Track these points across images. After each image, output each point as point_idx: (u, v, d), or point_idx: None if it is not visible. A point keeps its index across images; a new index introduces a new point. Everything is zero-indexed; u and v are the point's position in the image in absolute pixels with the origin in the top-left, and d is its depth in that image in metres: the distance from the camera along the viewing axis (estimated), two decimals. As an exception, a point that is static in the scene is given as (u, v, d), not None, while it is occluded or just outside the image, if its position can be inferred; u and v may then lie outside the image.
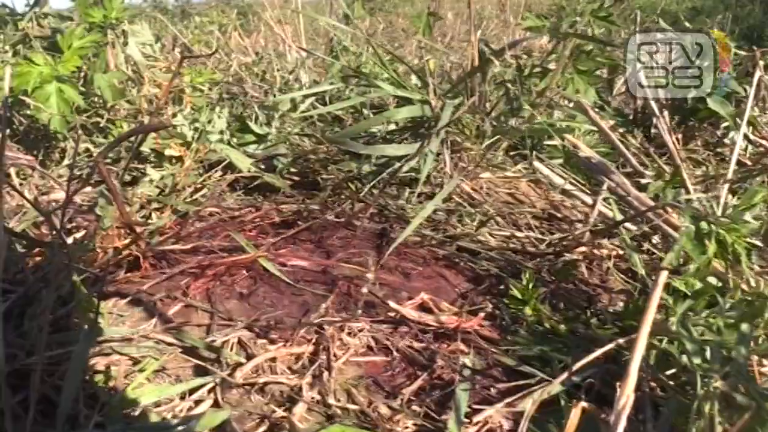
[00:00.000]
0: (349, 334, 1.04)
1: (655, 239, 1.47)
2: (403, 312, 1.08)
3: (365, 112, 2.04)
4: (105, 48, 1.70)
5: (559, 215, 1.63)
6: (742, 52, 2.51)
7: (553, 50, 2.03)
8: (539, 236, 1.52)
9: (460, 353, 1.04)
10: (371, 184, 1.47)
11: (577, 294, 1.30)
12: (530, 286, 1.14)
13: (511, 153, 1.95)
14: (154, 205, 1.36)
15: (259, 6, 7.57)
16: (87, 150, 1.60)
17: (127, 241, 1.12)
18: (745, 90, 2.26)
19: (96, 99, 1.74)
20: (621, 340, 0.95)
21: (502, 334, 1.11)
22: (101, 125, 1.67)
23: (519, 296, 1.15)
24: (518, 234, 1.53)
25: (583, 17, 1.83)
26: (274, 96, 2.04)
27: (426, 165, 1.49)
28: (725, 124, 2.38)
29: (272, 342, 1.02)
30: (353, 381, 0.96)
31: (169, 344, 0.95)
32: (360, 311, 1.08)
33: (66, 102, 1.49)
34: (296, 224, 1.52)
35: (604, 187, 1.55)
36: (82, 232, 1.17)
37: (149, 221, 1.30)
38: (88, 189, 1.54)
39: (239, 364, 0.93)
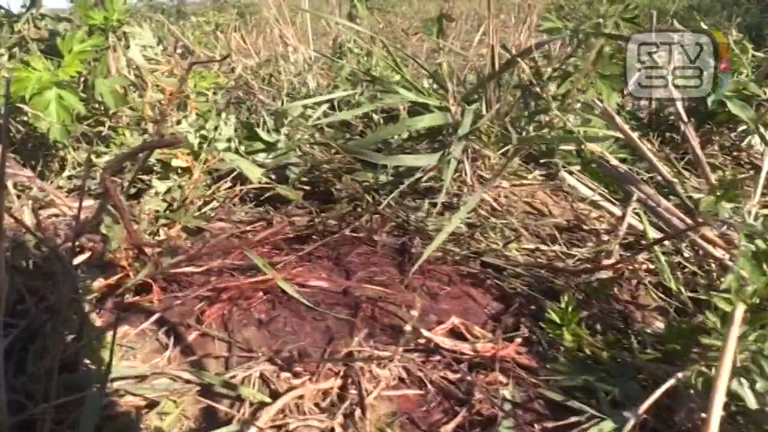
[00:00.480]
0: (379, 364, 0.97)
1: (687, 252, 1.41)
2: (436, 340, 1.00)
3: (375, 117, 1.96)
4: (106, 52, 1.61)
5: (585, 227, 1.56)
6: (761, 54, 2.45)
7: (572, 53, 1.96)
8: (566, 250, 1.45)
9: (499, 384, 0.97)
10: (390, 196, 1.39)
11: (611, 313, 1.23)
12: (569, 309, 1.07)
13: (524, 158, 1.87)
14: (162, 221, 1.28)
15: (255, 6, 7.47)
16: (89, 160, 1.51)
17: (136, 264, 1.03)
18: (765, 93, 2.20)
19: (97, 105, 1.65)
20: (680, 374, 0.88)
21: (541, 362, 1.04)
22: (103, 133, 1.58)
23: (557, 320, 1.07)
24: (543, 247, 1.45)
25: (607, 19, 1.75)
26: (282, 101, 1.96)
27: (448, 175, 1.41)
28: (742, 127, 2.32)
29: (296, 375, 0.94)
30: (387, 419, 0.89)
31: (187, 381, 0.87)
32: (399, 347, 1.00)
33: (66, 109, 1.41)
34: (311, 239, 1.44)
35: (634, 198, 1.48)
36: (87, 254, 1.08)
37: (158, 238, 1.22)
38: (90, 202, 1.46)
39: (263, 404, 0.85)
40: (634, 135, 2.15)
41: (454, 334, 1.08)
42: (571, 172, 1.54)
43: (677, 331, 1.09)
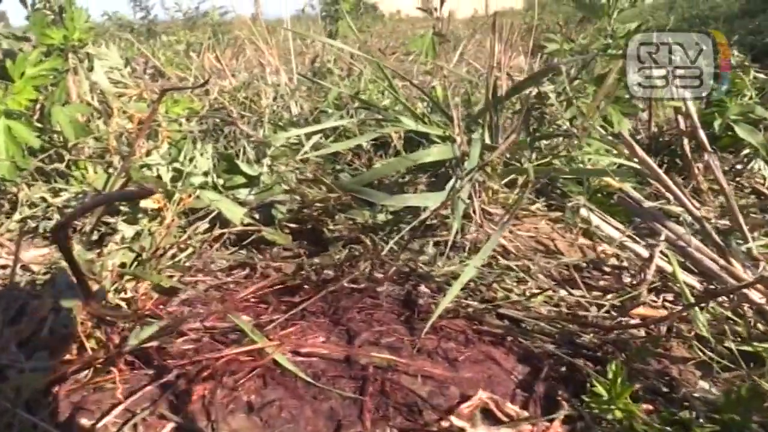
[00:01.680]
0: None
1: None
2: (467, 430, 0.83)
3: (365, 146, 1.80)
4: (65, 75, 1.41)
5: (605, 268, 1.41)
6: (762, 75, 2.36)
7: (576, 77, 1.83)
8: (589, 297, 1.29)
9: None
10: (394, 239, 1.22)
11: (647, 373, 1.07)
12: (618, 380, 0.90)
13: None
14: (127, 277, 1.08)
15: (229, 24, 7.27)
16: (43, 200, 1.31)
17: (94, 337, 0.84)
18: (773, 116, 2.11)
19: (55, 136, 1.45)
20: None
21: (589, 448, 0.87)
22: (61, 169, 1.38)
23: (604, 394, 0.91)
24: (563, 293, 1.29)
25: (615, 39, 1.63)
26: (264, 129, 1.78)
27: (458, 216, 1.25)
28: (745, 151, 2.23)
29: (299, 482, 0.75)
30: None
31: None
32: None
33: (16, 143, 1.21)
34: (302, 289, 1.26)
35: (662, 237, 1.33)
36: (32, 326, 0.88)
37: (122, 296, 1.02)
38: (43, 251, 1.26)
39: None
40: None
41: (483, 412, 0.91)
42: (591, 209, 1.39)
43: (737, 400, 0.94)
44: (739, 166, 2.20)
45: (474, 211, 1.39)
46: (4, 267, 1.20)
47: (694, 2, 8.01)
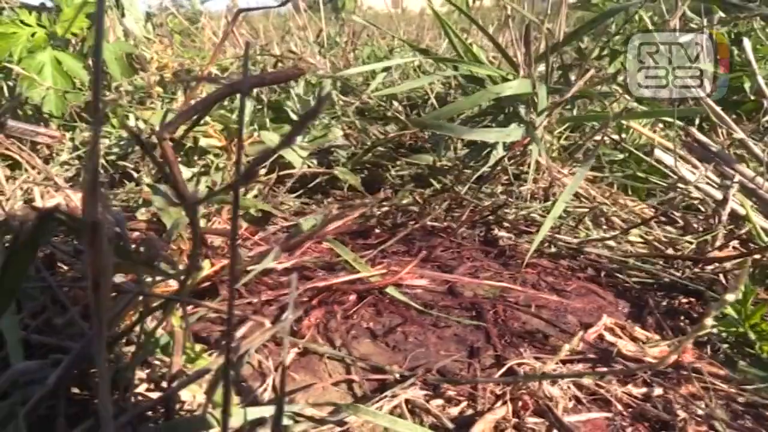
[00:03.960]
0: (551, 382, 0.73)
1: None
2: (621, 348, 0.78)
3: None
4: (105, 13, 1.31)
5: (676, 213, 1.37)
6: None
7: (617, 31, 1.80)
8: (663, 239, 1.26)
9: (696, 398, 0.75)
10: (475, 176, 1.16)
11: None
12: (749, 300, 0.86)
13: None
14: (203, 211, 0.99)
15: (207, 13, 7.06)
16: (86, 142, 1.21)
17: (205, 263, 0.76)
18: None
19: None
20: None
21: (725, 367, 0.83)
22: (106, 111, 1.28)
23: (735, 316, 0.87)
24: (644, 236, 1.26)
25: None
26: (302, 83, 1.69)
27: (534, 152, 1.20)
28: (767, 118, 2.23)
29: (450, 402, 0.69)
30: (587, 456, 0.65)
31: (320, 420, 0.60)
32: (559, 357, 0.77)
33: (66, 76, 1.11)
34: (373, 232, 1.20)
35: (736, 179, 1.31)
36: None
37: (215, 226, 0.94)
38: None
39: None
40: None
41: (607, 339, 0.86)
42: (664, 149, 1.35)
43: None
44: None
45: (540, 153, 1.34)
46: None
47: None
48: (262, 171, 1.28)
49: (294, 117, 1.44)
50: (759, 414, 0.75)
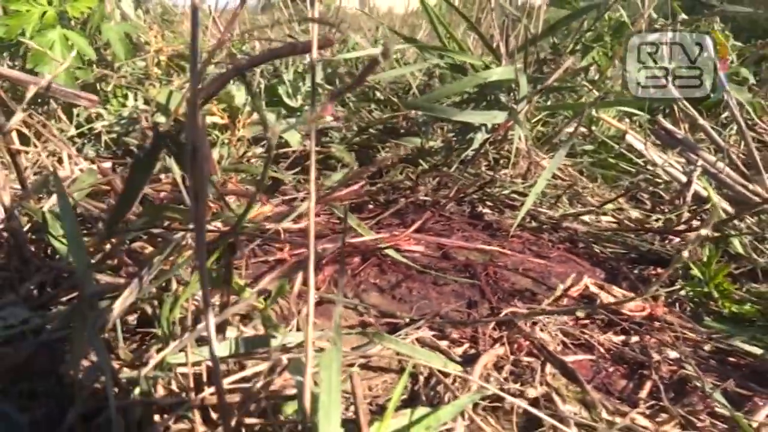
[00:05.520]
0: (541, 329, 0.81)
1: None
2: (602, 299, 0.87)
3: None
4: (104, -4, 1.35)
5: (644, 195, 1.49)
6: (738, 43, 2.53)
7: (590, 28, 1.91)
8: (636, 215, 1.37)
9: (668, 345, 0.85)
10: (458, 161, 1.25)
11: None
12: (713, 263, 0.97)
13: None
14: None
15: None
16: (90, 119, 1.24)
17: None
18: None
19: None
20: None
21: (693, 321, 0.93)
22: (108, 90, 1.32)
23: (700, 276, 0.97)
24: (608, 214, 1.36)
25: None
26: (290, 72, 1.75)
27: (517, 134, 1.29)
28: (725, 114, 2.39)
29: (455, 343, 0.76)
30: (576, 387, 0.73)
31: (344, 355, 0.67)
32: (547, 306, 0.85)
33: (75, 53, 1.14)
34: (366, 207, 1.27)
35: (699, 163, 1.42)
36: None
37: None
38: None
39: (445, 375, 0.68)
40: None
41: (589, 297, 0.95)
42: (634, 136, 1.46)
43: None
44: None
45: (521, 137, 1.43)
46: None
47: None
48: (260, 150, 1.34)
49: (287, 100, 1.50)
50: (722, 359, 0.85)
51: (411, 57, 2.36)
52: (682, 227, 1.23)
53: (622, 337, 0.85)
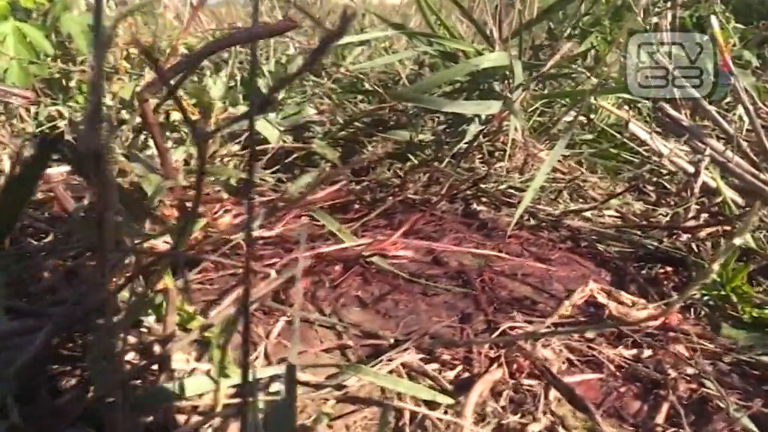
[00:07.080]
0: (543, 345, 0.72)
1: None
2: (612, 309, 0.78)
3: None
4: (65, -18, 1.24)
5: (649, 187, 1.40)
6: (740, 25, 2.44)
7: (588, 12, 1.82)
8: (638, 211, 1.28)
9: (683, 358, 0.76)
10: (449, 156, 1.16)
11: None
12: (731, 264, 0.88)
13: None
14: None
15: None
16: (52, 118, 1.15)
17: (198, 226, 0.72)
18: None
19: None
20: None
21: (709, 329, 0.84)
22: (71, 85, 1.22)
23: (717, 278, 0.88)
24: (612, 209, 1.27)
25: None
26: (271, 62, 1.65)
27: (513, 125, 1.19)
28: (727, 99, 2.30)
29: (446, 365, 0.68)
30: (584, 414, 0.65)
31: (316, 386, 0.58)
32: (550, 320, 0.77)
33: (29, 47, 1.05)
34: (352, 207, 1.18)
35: (706, 153, 1.33)
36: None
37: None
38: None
39: (434, 405, 0.59)
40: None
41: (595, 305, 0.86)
42: (636, 125, 1.37)
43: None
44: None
45: (517, 129, 1.34)
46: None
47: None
48: (236, 147, 1.24)
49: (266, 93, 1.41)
50: (744, 372, 0.76)
51: (401, 48, 2.26)
52: (691, 223, 1.14)
53: (634, 351, 0.77)
